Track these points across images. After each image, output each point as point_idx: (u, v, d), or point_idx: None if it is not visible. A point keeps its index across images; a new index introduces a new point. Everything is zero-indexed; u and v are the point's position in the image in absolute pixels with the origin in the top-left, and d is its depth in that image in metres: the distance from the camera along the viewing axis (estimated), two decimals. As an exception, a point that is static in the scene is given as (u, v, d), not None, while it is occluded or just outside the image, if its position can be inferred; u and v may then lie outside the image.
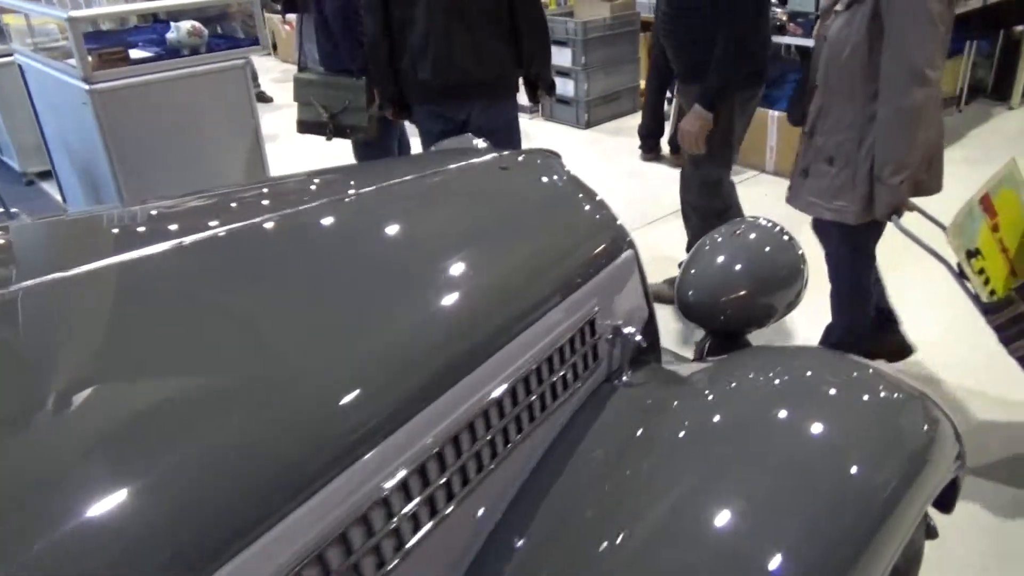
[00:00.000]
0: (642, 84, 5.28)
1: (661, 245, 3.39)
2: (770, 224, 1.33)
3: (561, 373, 1.11)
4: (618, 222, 1.29)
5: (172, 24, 3.33)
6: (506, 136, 2.75)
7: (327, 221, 1.17)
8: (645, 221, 3.81)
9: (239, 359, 0.84)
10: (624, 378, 1.25)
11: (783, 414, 1.10)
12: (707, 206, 2.72)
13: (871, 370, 1.19)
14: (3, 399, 0.74)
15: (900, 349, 2.44)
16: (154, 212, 1.26)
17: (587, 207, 1.28)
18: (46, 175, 4.33)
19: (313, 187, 1.31)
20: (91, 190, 3.51)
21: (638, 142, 4.68)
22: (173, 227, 1.14)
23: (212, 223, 1.09)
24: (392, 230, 1.14)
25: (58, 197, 4.15)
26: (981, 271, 1.82)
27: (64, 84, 3.17)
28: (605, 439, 1.13)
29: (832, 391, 1.13)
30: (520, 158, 1.41)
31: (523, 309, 1.05)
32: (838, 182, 2.02)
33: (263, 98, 6.34)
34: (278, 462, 0.72)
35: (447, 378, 0.91)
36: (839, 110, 1.99)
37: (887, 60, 1.84)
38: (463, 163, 1.35)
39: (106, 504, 0.64)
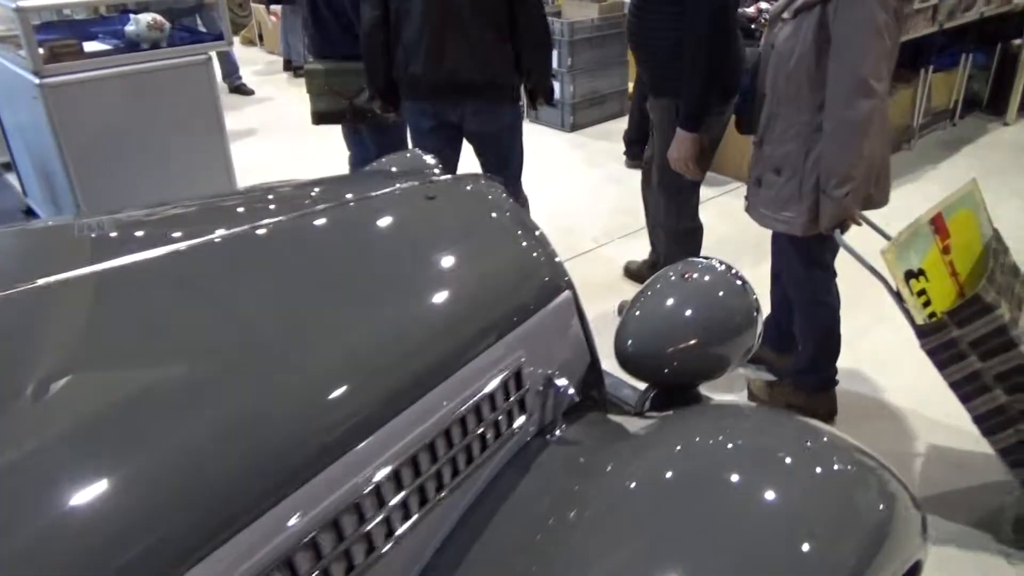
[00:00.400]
0: (630, 87, 5.15)
1: (642, 258, 3.26)
2: (722, 266, 1.20)
3: (479, 431, 0.99)
4: (556, 260, 1.16)
5: (131, 16, 3.18)
6: (502, 143, 2.67)
7: (224, 254, 1.05)
8: (626, 231, 3.68)
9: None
10: (557, 433, 1.13)
11: (728, 481, 0.98)
12: (675, 225, 2.60)
13: (828, 435, 1.07)
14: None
15: (830, 410, 2.35)
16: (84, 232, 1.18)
17: (521, 243, 1.16)
18: (10, 166, 4.19)
19: (221, 213, 1.18)
20: (47, 186, 3.37)
21: (623, 147, 4.55)
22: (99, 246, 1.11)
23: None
24: (285, 268, 1.01)
25: (19, 189, 4.01)
26: (922, 292, 1.80)
27: (17, 76, 3.03)
28: (528, 500, 1.02)
29: (785, 458, 1.01)
30: (453, 186, 1.28)
31: (425, 368, 0.93)
32: (785, 193, 2.00)
33: (243, 91, 6.20)
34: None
35: (324, 457, 0.79)
36: (786, 120, 1.97)
37: (832, 70, 1.82)
38: (388, 189, 1.22)
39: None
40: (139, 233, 1.18)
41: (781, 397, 2.39)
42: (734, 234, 3.38)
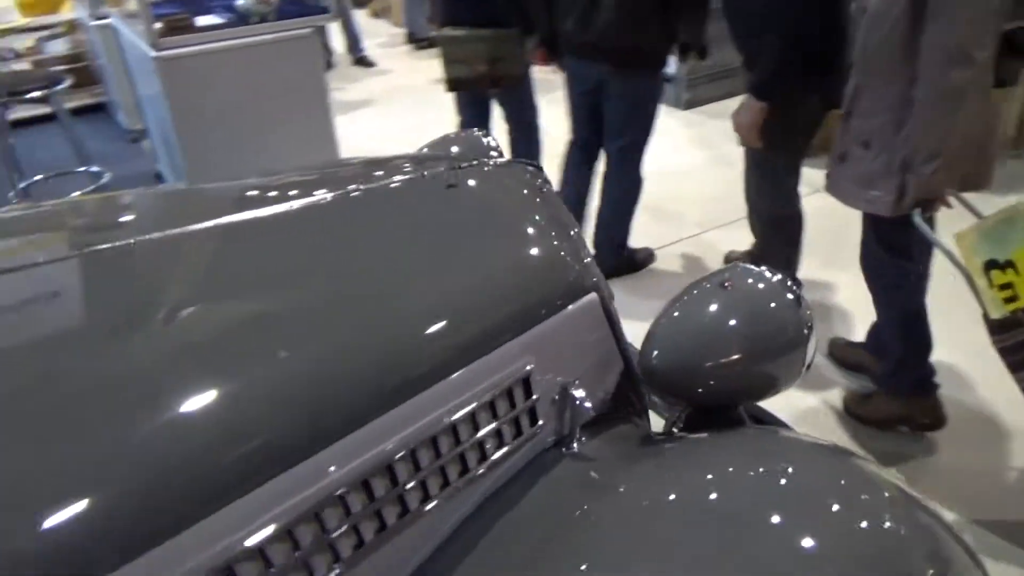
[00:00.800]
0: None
1: (744, 247, 3.06)
2: (770, 273, 1.05)
3: (472, 441, 0.92)
4: (584, 260, 1.06)
5: (242, -10, 3.28)
6: (634, 114, 2.64)
7: (238, 237, 1.03)
8: (734, 218, 3.45)
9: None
10: (574, 446, 1.04)
11: (754, 520, 0.86)
12: (768, 209, 2.40)
13: (879, 478, 0.93)
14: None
15: (934, 418, 2.11)
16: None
17: (541, 239, 1.06)
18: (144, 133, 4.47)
19: (244, 195, 1.17)
20: (168, 152, 3.57)
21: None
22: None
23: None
24: (284, 256, 0.98)
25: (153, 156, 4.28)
26: (1007, 286, 1.61)
27: (139, 49, 3.21)
28: (528, 514, 0.95)
29: (814, 497, 0.88)
30: (478, 174, 1.20)
31: (413, 373, 0.86)
32: (873, 169, 1.82)
33: (365, 63, 6.33)
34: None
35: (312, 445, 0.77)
36: (877, 89, 1.79)
37: (929, 36, 1.63)
38: (407, 176, 1.16)
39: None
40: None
41: (879, 409, 2.18)
42: (837, 227, 3.10)
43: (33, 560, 0.63)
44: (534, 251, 1.04)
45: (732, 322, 1.02)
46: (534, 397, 0.99)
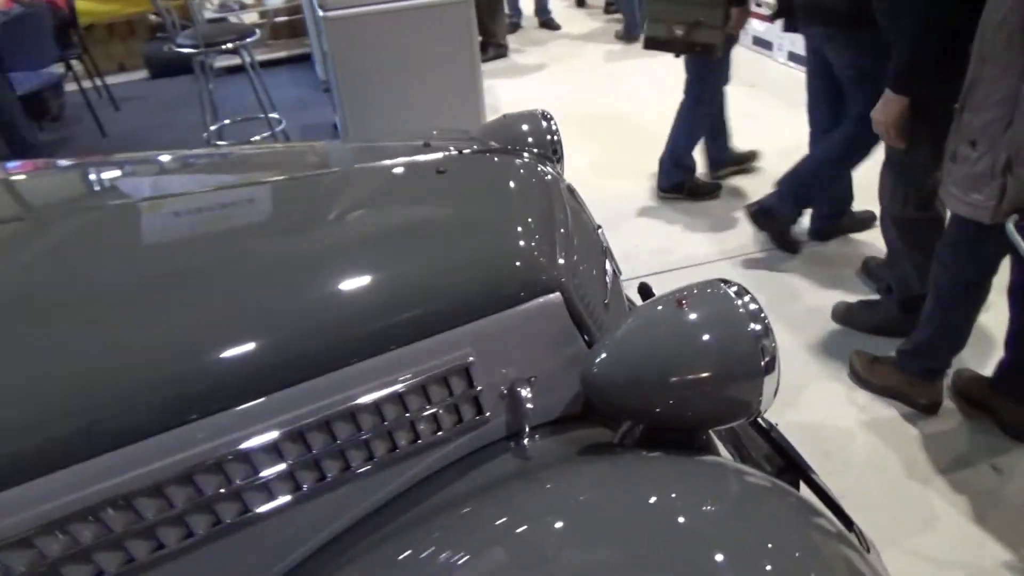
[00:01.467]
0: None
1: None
2: (735, 298, 0.95)
3: (402, 419, 0.96)
4: (557, 260, 1.04)
5: (406, -46, 3.42)
6: (856, 82, 2.43)
7: (223, 205, 1.14)
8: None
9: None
10: (524, 443, 1.05)
11: (663, 551, 0.83)
12: (899, 212, 2.14)
13: (821, 522, 0.85)
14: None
15: (932, 402, 2.12)
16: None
17: (511, 234, 1.05)
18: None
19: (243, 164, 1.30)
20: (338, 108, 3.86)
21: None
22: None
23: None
24: (259, 228, 1.06)
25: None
26: None
27: (315, 9, 3.47)
28: (450, 500, 0.97)
29: (749, 542, 0.82)
30: (474, 160, 1.20)
31: (335, 348, 0.91)
32: (978, 170, 1.64)
33: (550, 25, 6.35)
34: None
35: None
36: (991, 82, 1.60)
37: None
38: (406, 158, 1.18)
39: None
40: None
41: (883, 377, 2.18)
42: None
43: None
44: (496, 244, 1.03)
45: (679, 344, 0.95)
46: (478, 388, 1.00)
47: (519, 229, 1.06)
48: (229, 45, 3.60)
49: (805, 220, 3.00)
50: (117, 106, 5.49)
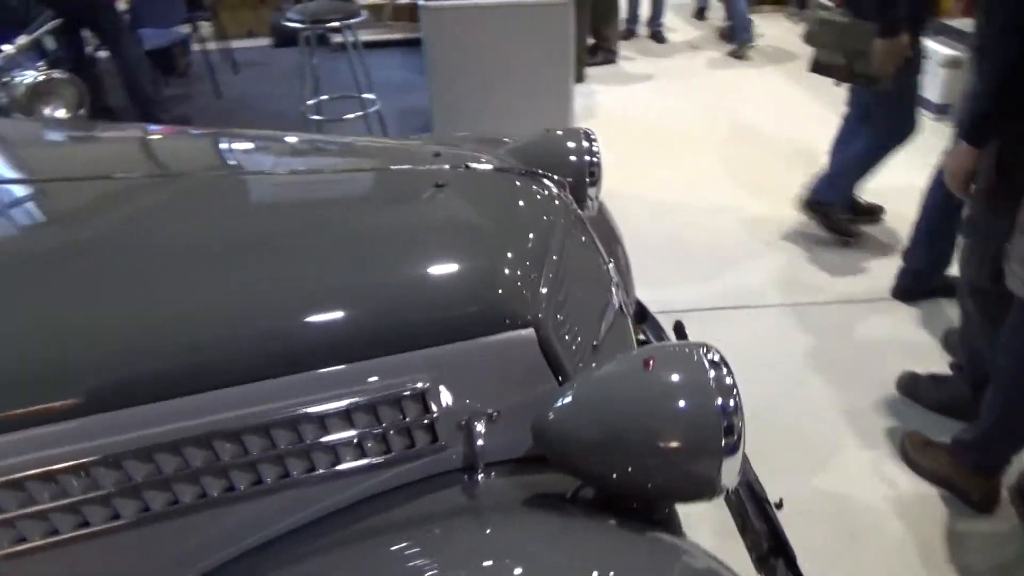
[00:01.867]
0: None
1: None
2: (708, 369, 0.86)
3: (343, 437, 0.94)
4: (539, 292, 0.99)
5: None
6: None
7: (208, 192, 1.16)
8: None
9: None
10: (478, 477, 1.01)
11: None
12: (973, 277, 1.94)
13: None
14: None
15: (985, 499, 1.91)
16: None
17: (492, 261, 1.00)
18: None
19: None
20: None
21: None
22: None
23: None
24: (243, 217, 1.06)
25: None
26: None
27: None
28: (386, 523, 0.94)
29: None
30: (478, 178, 1.15)
31: (275, 356, 0.89)
32: None
33: (658, 38, 6.20)
34: None
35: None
36: None
37: None
38: (408, 168, 1.15)
39: None
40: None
41: (934, 463, 1.99)
42: None
43: None
44: (471, 269, 0.99)
45: (634, 406, 0.88)
46: (434, 415, 0.97)
47: (502, 256, 1.01)
48: (335, 24, 3.68)
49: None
50: (237, 70, 5.75)
